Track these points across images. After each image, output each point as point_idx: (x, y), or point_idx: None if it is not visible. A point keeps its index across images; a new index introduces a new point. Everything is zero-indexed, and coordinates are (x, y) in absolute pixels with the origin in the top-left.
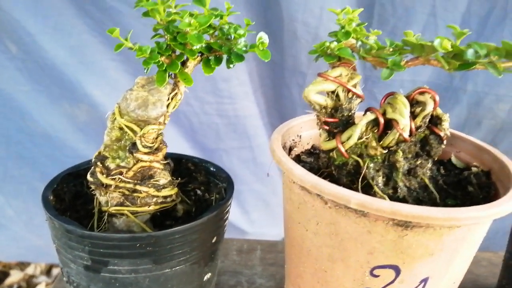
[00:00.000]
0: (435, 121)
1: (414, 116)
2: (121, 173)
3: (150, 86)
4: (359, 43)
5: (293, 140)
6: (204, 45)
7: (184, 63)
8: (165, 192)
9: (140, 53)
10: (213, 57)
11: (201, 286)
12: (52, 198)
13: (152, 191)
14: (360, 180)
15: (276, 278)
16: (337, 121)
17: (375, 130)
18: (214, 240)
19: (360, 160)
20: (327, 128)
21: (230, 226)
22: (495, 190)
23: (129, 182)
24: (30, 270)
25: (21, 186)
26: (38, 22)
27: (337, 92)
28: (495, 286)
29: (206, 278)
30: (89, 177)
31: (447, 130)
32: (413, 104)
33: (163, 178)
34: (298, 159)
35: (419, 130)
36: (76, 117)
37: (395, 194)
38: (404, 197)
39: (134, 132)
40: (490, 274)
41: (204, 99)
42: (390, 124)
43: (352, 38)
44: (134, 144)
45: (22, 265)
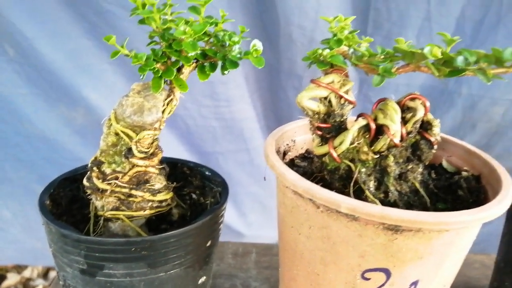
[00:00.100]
0: (426, 126)
1: (405, 121)
2: (117, 178)
3: (145, 92)
4: (351, 50)
5: (287, 144)
6: (199, 52)
7: (179, 70)
8: (160, 196)
9: (136, 60)
10: (208, 63)
11: None
12: (48, 202)
13: (147, 196)
14: (352, 184)
15: (270, 281)
16: (329, 126)
17: (367, 136)
18: (208, 244)
19: (352, 165)
20: (320, 133)
21: (227, 228)
22: (485, 194)
23: (124, 187)
24: (27, 273)
25: (18, 188)
26: (36, 26)
27: (329, 98)
28: None
29: (200, 281)
30: (85, 182)
31: (438, 135)
32: (404, 110)
33: (159, 182)
34: (292, 163)
35: (410, 135)
36: (73, 120)
37: (386, 198)
38: (395, 201)
39: (130, 137)
40: (483, 276)
41: (201, 102)
42: (381, 129)
43: (344, 45)
44: (129, 149)
45: (19, 268)
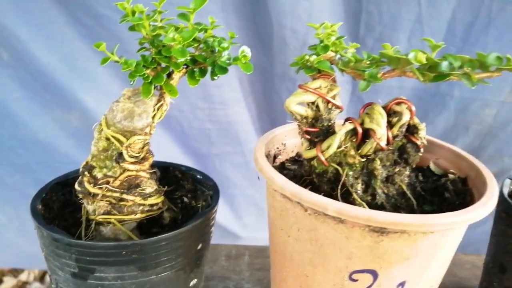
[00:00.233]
0: (412, 130)
1: (391, 125)
2: (108, 182)
3: (136, 97)
4: (338, 56)
5: (277, 148)
6: (189, 58)
7: (169, 75)
8: (151, 200)
9: (125, 66)
10: (198, 69)
11: None
12: (40, 207)
13: (138, 200)
14: (339, 187)
15: (263, 282)
16: (317, 130)
17: (354, 140)
18: (199, 247)
19: (339, 168)
20: (309, 137)
21: (223, 230)
22: (471, 196)
23: (115, 191)
24: (24, 276)
25: (13, 192)
26: (30, 29)
27: (317, 103)
28: None
29: (192, 284)
30: (76, 186)
31: (424, 138)
32: (390, 114)
33: (150, 186)
34: (283, 167)
35: (396, 139)
36: (68, 123)
37: (374, 200)
38: (382, 203)
39: (121, 142)
40: (473, 277)
41: (196, 105)
42: (368, 133)
43: (331, 51)
44: (120, 154)
45: (15, 271)
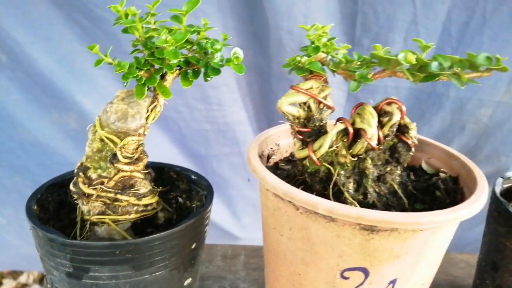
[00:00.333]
0: (403, 129)
1: (382, 125)
2: (102, 183)
3: (129, 99)
4: (329, 57)
5: (271, 148)
6: (182, 59)
7: (163, 77)
8: (145, 200)
9: (119, 68)
10: (191, 70)
11: None
12: (36, 207)
13: (132, 200)
14: (331, 186)
15: (258, 282)
16: (309, 130)
17: (345, 139)
18: (193, 246)
19: (331, 167)
20: (301, 137)
21: (221, 231)
22: (462, 195)
23: (110, 192)
24: (23, 278)
25: (12, 194)
26: (28, 32)
27: (308, 103)
28: (471, 287)
29: (186, 283)
30: (71, 187)
31: (414, 138)
32: (381, 114)
33: (144, 187)
34: (277, 167)
35: (387, 138)
36: (66, 124)
37: (365, 199)
38: (373, 202)
39: (115, 143)
40: (468, 275)
41: (193, 106)
42: (359, 133)
43: (322, 52)
44: (114, 155)
45: (15, 273)
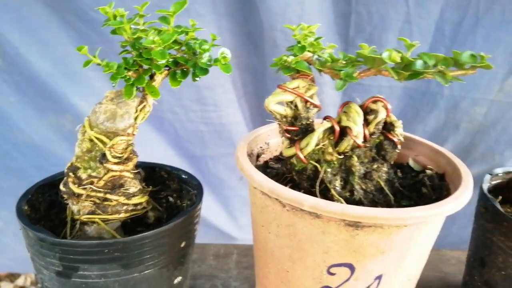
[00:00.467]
0: (389, 127)
1: (368, 123)
2: (92, 182)
3: (118, 99)
4: (315, 57)
5: (260, 147)
6: (171, 60)
7: (152, 77)
8: (135, 200)
9: (107, 69)
10: (180, 70)
11: None
12: (26, 208)
13: (122, 199)
14: (318, 184)
15: (250, 280)
16: (297, 129)
17: (331, 137)
18: (183, 244)
19: (318, 165)
20: (289, 136)
21: (218, 232)
22: (448, 191)
23: (100, 191)
24: (20, 281)
25: (9, 197)
26: (23, 35)
27: (295, 102)
28: (461, 283)
29: (176, 281)
30: (61, 187)
31: (400, 135)
32: (367, 112)
33: (133, 186)
34: (267, 165)
35: (373, 136)
36: (62, 127)
37: (352, 196)
38: (360, 199)
39: (104, 143)
40: (459, 272)
41: (189, 107)
42: (345, 131)
43: (308, 51)
44: (104, 154)
45: (12, 276)
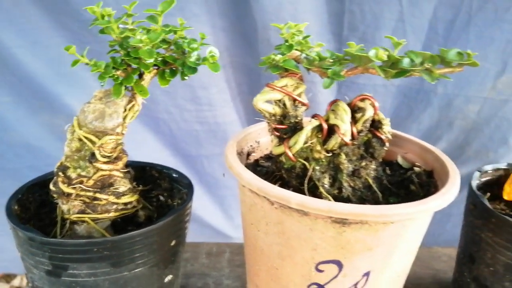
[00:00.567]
0: (377, 125)
1: (355, 121)
2: (81, 182)
3: (107, 98)
4: (303, 55)
5: (251, 146)
6: (159, 59)
7: (141, 76)
8: (125, 199)
9: (95, 68)
10: (168, 69)
11: None
12: (16, 207)
13: (112, 199)
14: (306, 181)
15: (242, 278)
16: (286, 127)
17: (320, 135)
18: (173, 243)
19: (306, 163)
20: (278, 134)
21: (214, 231)
22: (436, 188)
23: (89, 191)
24: (16, 282)
25: (4, 197)
26: (16, 35)
27: (283, 100)
28: (451, 280)
29: (167, 279)
30: (51, 186)
31: (388, 133)
32: (355, 110)
33: (123, 185)
34: (257, 164)
35: (361, 134)
36: (56, 127)
37: (340, 194)
38: (348, 196)
39: (93, 142)
40: (450, 269)
41: (184, 107)
42: (333, 129)
43: (296, 50)
44: (93, 154)
45: (8, 277)
